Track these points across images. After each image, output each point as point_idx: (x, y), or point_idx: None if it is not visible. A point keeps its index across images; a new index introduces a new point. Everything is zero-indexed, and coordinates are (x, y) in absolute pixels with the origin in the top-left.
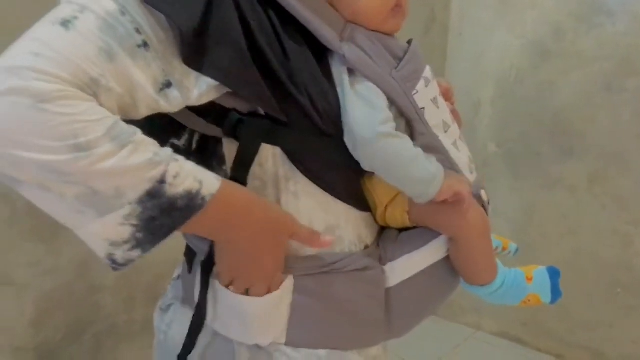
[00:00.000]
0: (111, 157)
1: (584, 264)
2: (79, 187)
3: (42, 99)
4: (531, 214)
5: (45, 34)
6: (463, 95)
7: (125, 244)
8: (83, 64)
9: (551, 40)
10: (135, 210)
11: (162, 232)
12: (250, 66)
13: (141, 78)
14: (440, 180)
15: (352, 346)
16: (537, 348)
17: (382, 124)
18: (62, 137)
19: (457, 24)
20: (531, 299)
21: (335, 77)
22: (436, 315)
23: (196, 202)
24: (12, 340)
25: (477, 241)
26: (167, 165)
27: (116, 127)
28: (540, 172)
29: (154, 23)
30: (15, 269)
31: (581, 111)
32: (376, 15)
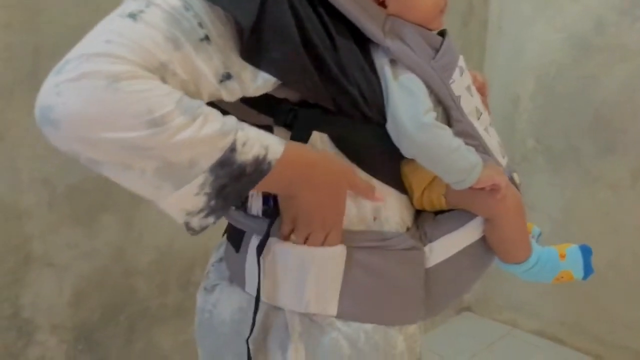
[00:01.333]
0: (186, 128)
1: (626, 263)
2: (157, 161)
3: (115, 79)
4: (572, 211)
5: (114, 25)
6: (502, 89)
7: (200, 212)
8: (152, 49)
9: (593, 34)
10: (208, 178)
11: (233, 197)
12: (304, 62)
13: (205, 68)
14: (479, 169)
15: (394, 322)
16: (575, 347)
17: (425, 114)
18: (138, 114)
19: (496, 17)
20: (564, 275)
21: (378, 69)
22: (472, 312)
23: (263, 167)
24: (51, 318)
25: (513, 221)
26: (235, 133)
27: (184, 100)
28: (581, 169)
29: (214, 18)
30: (55, 251)
31: (623, 107)
32: (427, 16)
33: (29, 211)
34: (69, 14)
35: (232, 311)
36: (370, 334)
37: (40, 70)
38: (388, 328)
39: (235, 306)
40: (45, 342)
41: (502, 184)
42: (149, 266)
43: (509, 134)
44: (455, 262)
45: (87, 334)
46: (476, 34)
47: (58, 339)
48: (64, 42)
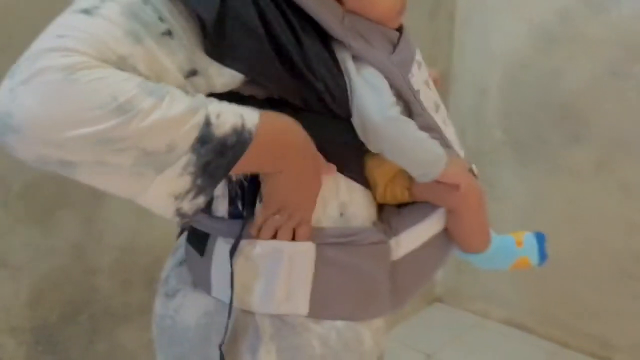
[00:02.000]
0: (155, 110)
1: (591, 251)
2: (133, 152)
3: (71, 71)
4: (538, 201)
5: (68, 20)
6: (470, 81)
7: (189, 193)
8: (110, 42)
9: (558, 26)
10: (190, 159)
11: (220, 173)
12: (270, 57)
13: (169, 64)
14: (444, 161)
15: (363, 317)
16: (544, 336)
17: (390, 107)
18: (103, 103)
19: (463, 9)
20: (521, 262)
21: (341, 64)
22: (443, 303)
23: (244, 136)
24: (8, 320)
25: (474, 213)
26: (206, 107)
27: (145, 83)
28: (547, 159)
29: (176, 12)
30: (10, 251)
31: (587, 97)
32: (386, 15)
33: None
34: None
35: (197, 316)
36: (342, 332)
37: None
38: (357, 324)
39: (201, 311)
40: (3, 345)
41: (462, 183)
42: (111, 264)
43: (478, 125)
44: (420, 254)
45: (48, 335)
46: (444, 27)
47: (17, 341)
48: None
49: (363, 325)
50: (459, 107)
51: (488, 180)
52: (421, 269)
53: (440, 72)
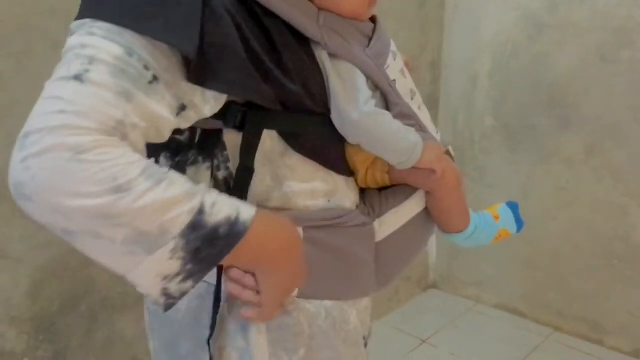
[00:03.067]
0: (150, 192)
1: (581, 236)
2: (126, 229)
3: (80, 151)
4: (529, 187)
5: (62, 91)
6: (461, 68)
7: (177, 277)
8: (106, 110)
9: (546, 12)
10: (179, 243)
11: (210, 262)
12: (249, 71)
13: (160, 109)
14: (420, 147)
15: (349, 297)
16: (535, 320)
17: (365, 103)
18: (103, 182)
19: None
20: (502, 233)
21: (319, 62)
22: (438, 289)
23: (238, 228)
24: (8, 310)
25: (452, 194)
26: (203, 196)
27: (151, 167)
28: (537, 145)
29: (158, 55)
30: (9, 243)
31: (576, 83)
32: (356, 10)
33: None
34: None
35: (189, 299)
36: (330, 311)
37: None
38: (343, 304)
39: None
40: (4, 334)
41: (438, 168)
42: None
43: (469, 112)
44: (402, 234)
45: (48, 324)
46: (434, 14)
47: (18, 331)
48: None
49: (349, 305)
50: (450, 95)
51: (479, 167)
52: (404, 249)
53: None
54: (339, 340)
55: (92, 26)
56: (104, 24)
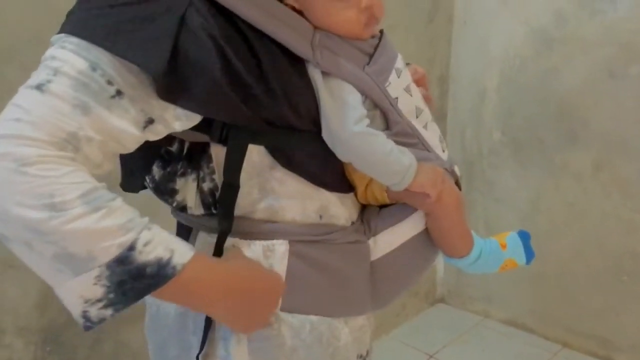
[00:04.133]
0: (82, 218)
1: (590, 251)
2: (56, 247)
3: (24, 163)
4: (537, 202)
5: (24, 99)
6: (469, 83)
7: (99, 302)
8: (59, 122)
9: (554, 27)
10: (103, 272)
11: (134, 296)
12: (222, 91)
13: (122, 124)
14: (413, 170)
15: (340, 314)
16: (544, 336)
17: (356, 123)
18: (40, 197)
19: (461, 11)
20: (508, 263)
21: (311, 79)
22: (446, 304)
23: (166, 270)
24: (17, 321)
25: (451, 217)
26: (138, 232)
27: (93, 192)
28: (545, 160)
29: (124, 71)
30: None
31: (584, 98)
32: (351, 31)
33: None
34: (27, 17)
35: (176, 305)
36: (315, 325)
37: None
38: (333, 320)
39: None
40: (11, 345)
41: (432, 193)
42: None
43: (476, 126)
44: (400, 254)
45: (55, 335)
46: (442, 29)
47: (25, 341)
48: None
49: (340, 321)
50: (458, 109)
51: (487, 181)
52: (403, 270)
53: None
54: (325, 355)
55: (65, 40)
56: (75, 39)
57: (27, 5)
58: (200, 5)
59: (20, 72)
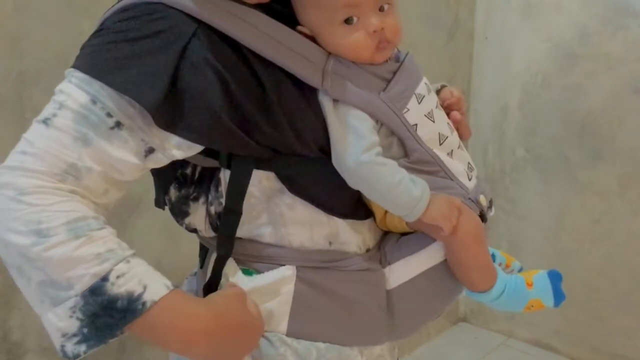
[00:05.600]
0: (61, 246)
1: (617, 270)
2: (41, 274)
3: (22, 192)
4: (562, 219)
5: (32, 133)
6: (491, 99)
7: (74, 337)
8: (59, 154)
9: (577, 43)
10: (78, 303)
11: (107, 331)
12: (222, 122)
13: (122, 154)
14: (424, 202)
15: (352, 343)
16: (569, 356)
17: (365, 152)
18: (29, 223)
19: (482, 28)
20: (534, 304)
21: (321, 106)
22: (468, 322)
23: (136, 306)
24: (40, 341)
25: (469, 249)
26: (114, 264)
27: (80, 221)
28: (570, 177)
29: (123, 103)
30: None
31: (609, 114)
32: (360, 56)
33: None
34: (51, 40)
35: None
36: (323, 352)
37: (24, 97)
38: (344, 348)
39: None
40: None
41: (445, 226)
42: None
43: (499, 143)
44: (419, 285)
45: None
46: (463, 46)
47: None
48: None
49: (352, 350)
50: (480, 126)
51: (510, 199)
52: (423, 300)
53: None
54: None
55: (72, 75)
56: (80, 73)
57: (53, 28)
58: (205, 36)
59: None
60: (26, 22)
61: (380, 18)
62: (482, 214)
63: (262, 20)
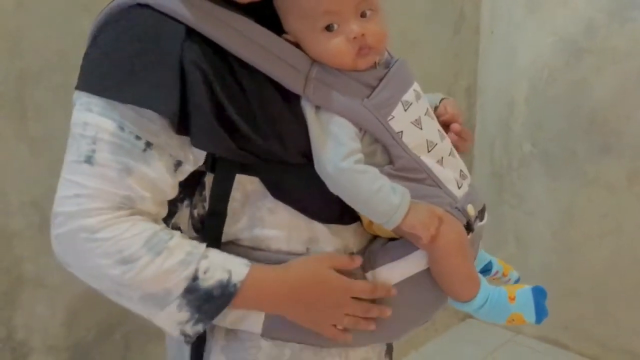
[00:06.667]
0: (150, 265)
1: (626, 264)
2: (139, 291)
3: (93, 231)
4: (570, 214)
5: (77, 175)
6: (497, 94)
7: (189, 322)
8: (112, 189)
9: (583, 37)
10: (182, 302)
11: (213, 312)
12: (216, 130)
13: (157, 174)
14: (402, 211)
15: (329, 344)
16: (578, 352)
17: (344, 159)
18: (111, 255)
19: (488, 22)
20: (515, 318)
21: (304, 112)
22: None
23: (229, 290)
24: (45, 339)
25: (450, 259)
26: (197, 263)
27: (153, 238)
28: (577, 171)
29: (145, 122)
30: (47, 272)
31: (616, 108)
32: (341, 62)
33: (20, 233)
34: (52, 40)
35: None
36: (298, 353)
37: (25, 96)
38: (322, 350)
39: None
40: None
41: (424, 235)
42: None
43: (505, 138)
44: (402, 291)
45: (83, 353)
46: (468, 40)
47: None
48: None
49: (330, 352)
50: (486, 121)
51: (517, 194)
52: (407, 306)
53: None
54: None
55: (89, 102)
56: (96, 99)
57: (52, 27)
58: (192, 40)
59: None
60: (27, 21)
61: (362, 24)
62: (469, 224)
63: (247, 26)
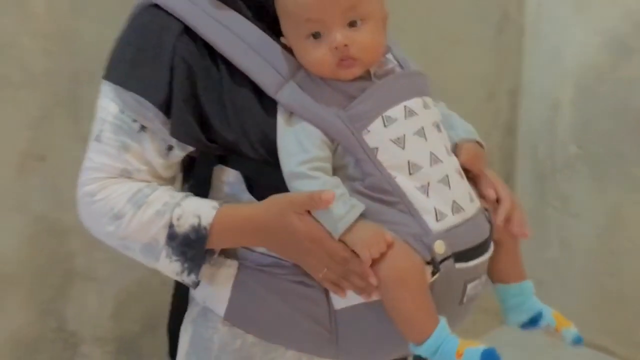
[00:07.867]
0: (133, 218)
1: None
2: (137, 243)
3: (92, 195)
4: (617, 217)
5: (91, 150)
6: (542, 95)
7: (183, 273)
8: (112, 163)
9: (631, 36)
10: (168, 250)
11: (198, 259)
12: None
13: (150, 154)
14: (345, 223)
15: (289, 347)
16: (623, 358)
17: (302, 164)
18: (106, 213)
19: (533, 22)
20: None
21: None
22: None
23: (201, 232)
24: (94, 331)
25: (389, 289)
26: (171, 211)
27: (138, 194)
28: (625, 174)
29: (142, 109)
30: (97, 265)
31: None
32: (321, 71)
33: (72, 228)
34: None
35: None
36: (250, 346)
37: (78, 95)
38: (278, 347)
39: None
40: (90, 354)
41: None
42: None
43: (550, 140)
44: (363, 314)
45: (130, 345)
46: (512, 40)
47: (102, 351)
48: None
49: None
50: (531, 122)
51: (561, 196)
52: (368, 331)
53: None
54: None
55: (106, 89)
56: (108, 85)
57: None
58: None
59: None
60: (81, 21)
61: (348, 34)
62: (434, 262)
63: (237, 22)
